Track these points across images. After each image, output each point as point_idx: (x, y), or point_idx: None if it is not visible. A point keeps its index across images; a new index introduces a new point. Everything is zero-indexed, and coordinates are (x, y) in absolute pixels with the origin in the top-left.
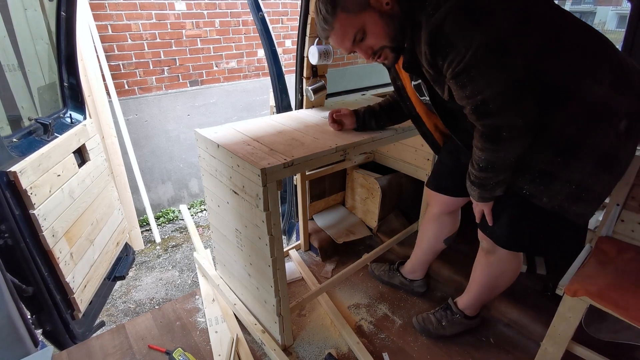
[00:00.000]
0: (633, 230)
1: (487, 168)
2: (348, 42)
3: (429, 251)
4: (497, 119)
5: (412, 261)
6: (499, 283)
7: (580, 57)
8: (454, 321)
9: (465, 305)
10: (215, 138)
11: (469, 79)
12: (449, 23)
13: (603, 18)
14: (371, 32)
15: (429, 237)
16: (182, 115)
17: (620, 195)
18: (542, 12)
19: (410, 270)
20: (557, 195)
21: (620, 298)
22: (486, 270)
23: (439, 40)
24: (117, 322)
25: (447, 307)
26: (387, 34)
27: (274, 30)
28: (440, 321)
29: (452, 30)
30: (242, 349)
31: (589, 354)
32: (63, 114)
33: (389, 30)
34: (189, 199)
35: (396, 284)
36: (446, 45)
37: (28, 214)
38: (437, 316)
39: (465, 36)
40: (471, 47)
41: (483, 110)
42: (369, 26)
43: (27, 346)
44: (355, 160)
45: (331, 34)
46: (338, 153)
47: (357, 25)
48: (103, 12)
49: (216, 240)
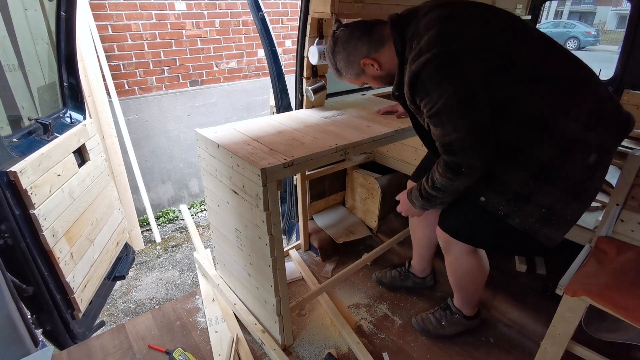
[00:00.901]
0: (633, 230)
1: (440, 189)
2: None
3: (430, 246)
4: (460, 158)
5: (419, 261)
6: (466, 282)
7: (559, 94)
8: (454, 321)
9: (458, 306)
10: (215, 138)
11: (440, 122)
12: (426, 72)
13: (603, 18)
14: (371, 83)
15: (425, 234)
16: (182, 115)
17: (620, 195)
18: (525, 51)
19: (420, 269)
20: (529, 217)
21: (620, 298)
22: (449, 270)
23: (417, 84)
24: (117, 322)
25: (447, 307)
26: (383, 83)
27: (274, 30)
28: (440, 321)
29: (428, 79)
30: (242, 349)
31: (588, 354)
32: (63, 114)
33: (383, 82)
34: (189, 199)
35: (409, 285)
36: (422, 90)
37: (28, 213)
38: (437, 316)
39: (439, 87)
40: (442, 97)
41: (449, 149)
42: (369, 81)
43: (27, 346)
44: (355, 160)
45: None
46: (338, 153)
47: (359, 83)
48: (103, 12)
49: (216, 240)
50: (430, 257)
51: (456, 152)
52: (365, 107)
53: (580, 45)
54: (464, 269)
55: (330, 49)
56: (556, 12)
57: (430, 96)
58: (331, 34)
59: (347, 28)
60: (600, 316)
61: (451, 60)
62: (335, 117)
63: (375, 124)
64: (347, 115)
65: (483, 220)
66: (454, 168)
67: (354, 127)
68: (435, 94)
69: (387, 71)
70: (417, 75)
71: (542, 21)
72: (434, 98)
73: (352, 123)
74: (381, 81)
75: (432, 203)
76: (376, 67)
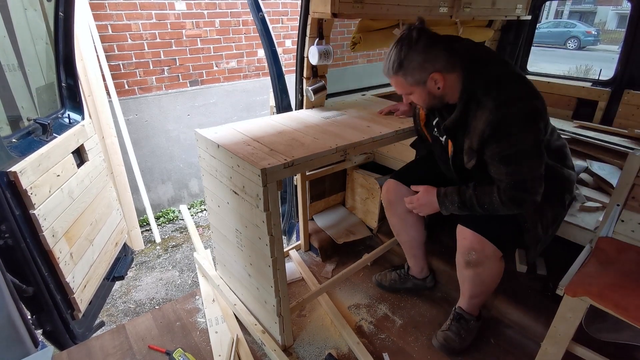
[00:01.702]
0: (633, 231)
1: (487, 210)
2: (398, 91)
3: (419, 246)
4: (528, 195)
5: (414, 262)
6: (491, 287)
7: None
8: (470, 328)
9: (467, 305)
10: (216, 138)
11: (515, 163)
12: (516, 121)
13: (603, 18)
14: (415, 97)
15: (412, 236)
16: (182, 115)
17: (621, 195)
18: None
19: (418, 270)
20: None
21: (620, 298)
22: (477, 280)
23: (503, 127)
24: (117, 322)
25: (460, 317)
26: (426, 103)
27: (274, 30)
28: (460, 334)
29: (517, 127)
30: (242, 349)
31: (589, 355)
32: (61, 114)
33: (429, 102)
34: (189, 199)
35: (409, 287)
36: (506, 134)
37: (28, 214)
38: (454, 330)
39: (522, 134)
40: (523, 143)
41: (522, 186)
42: (415, 94)
43: (27, 346)
44: (355, 160)
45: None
46: (338, 153)
47: (407, 90)
48: (103, 12)
49: (216, 240)
50: (424, 257)
51: (527, 190)
52: (366, 108)
53: (580, 45)
54: (493, 275)
55: (408, 44)
56: (556, 12)
57: (509, 140)
58: (414, 29)
59: (432, 33)
60: (601, 316)
61: (536, 115)
62: (336, 118)
63: (375, 125)
64: (347, 116)
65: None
66: (520, 201)
67: (354, 127)
68: (515, 139)
69: (441, 94)
70: (505, 119)
71: (542, 21)
72: (512, 142)
73: (352, 123)
74: (428, 100)
75: (463, 211)
76: (439, 86)
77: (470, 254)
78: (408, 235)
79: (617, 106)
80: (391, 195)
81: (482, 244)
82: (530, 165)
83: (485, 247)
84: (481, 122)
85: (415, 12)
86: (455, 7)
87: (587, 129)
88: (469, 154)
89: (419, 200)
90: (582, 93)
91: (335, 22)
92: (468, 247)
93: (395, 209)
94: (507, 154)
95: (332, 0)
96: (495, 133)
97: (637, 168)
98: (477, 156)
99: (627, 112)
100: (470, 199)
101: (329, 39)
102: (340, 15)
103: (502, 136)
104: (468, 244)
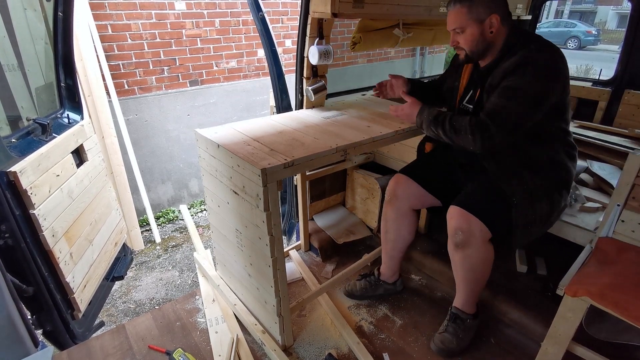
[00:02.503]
0: (633, 231)
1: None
2: (451, 26)
3: (403, 247)
4: (493, 127)
5: (390, 265)
6: (482, 272)
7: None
8: (467, 327)
9: (463, 303)
10: (216, 138)
11: (508, 97)
12: (535, 66)
13: (603, 18)
14: (465, 36)
15: (400, 235)
16: (182, 115)
17: (621, 195)
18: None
19: (391, 274)
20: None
21: (620, 298)
22: (465, 263)
23: (521, 66)
24: (117, 322)
25: (456, 317)
26: (472, 45)
27: (274, 30)
28: (458, 335)
29: (532, 71)
30: (242, 350)
31: (589, 354)
32: (60, 114)
33: (476, 45)
34: (189, 199)
35: (381, 293)
36: (520, 72)
37: (28, 214)
38: (451, 331)
39: (534, 78)
40: (529, 84)
41: (494, 116)
42: (467, 32)
43: (27, 346)
44: (355, 160)
45: (447, 10)
46: (338, 153)
47: (463, 24)
48: (103, 12)
49: (216, 240)
50: (401, 260)
51: (497, 123)
52: (366, 108)
53: (580, 45)
54: (482, 258)
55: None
56: (557, 11)
57: (518, 77)
58: None
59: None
60: (601, 316)
61: (554, 75)
62: (336, 118)
63: (375, 125)
64: (347, 116)
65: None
66: (484, 127)
67: (354, 127)
68: (524, 79)
69: (488, 42)
70: (527, 61)
71: (542, 21)
72: (520, 80)
73: (352, 123)
74: (475, 43)
75: (433, 125)
76: (492, 30)
77: (457, 234)
78: (398, 234)
79: (617, 106)
80: (398, 189)
81: (469, 221)
82: (517, 110)
83: (472, 224)
84: (509, 62)
85: (416, 12)
86: None
87: (587, 129)
88: (487, 92)
89: (403, 109)
90: (582, 93)
91: (335, 22)
92: (455, 227)
93: (397, 204)
94: (508, 86)
95: (332, 0)
96: (515, 68)
97: (638, 168)
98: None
99: (627, 112)
100: (445, 116)
101: (329, 38)
102: (340, 15)
103: (517, 73)
104: (455, 223)
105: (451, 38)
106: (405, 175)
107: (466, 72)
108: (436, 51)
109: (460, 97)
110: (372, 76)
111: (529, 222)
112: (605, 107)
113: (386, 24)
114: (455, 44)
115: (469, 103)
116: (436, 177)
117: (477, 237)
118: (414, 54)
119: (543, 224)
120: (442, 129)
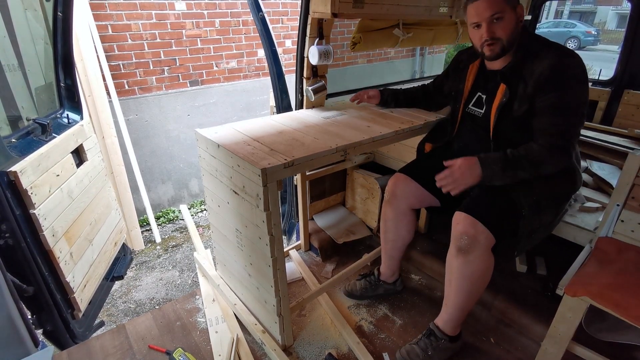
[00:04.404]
0: (633, 230)
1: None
2: (488, 13)
3: (402, 247)
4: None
5: (389, 264)
6: (477, 285)
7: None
8: (440, 347)
9: (445, 322)
10: (216, 138)
11: (567, 114)
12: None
13: (603, 18)
14: (504, 22)
15: (400, 235)
16: (182, 115)
17: (620, 195)
18: None
19: (390, 274)
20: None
21: (620, 298)
22: (463, 270)
23: (564, 76)
24: (117, 322)
25: (431, 334)
26: (510, 32)
27: (274, 30)
28: (426, 351)
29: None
30: (242, 349)
31: (589, 354)
32: (60, 114)
33: (513, 33)
34: (189, 199)
35: (381, 293)
36: (567, 84)
37: (28, 213)
38: (422, 345)
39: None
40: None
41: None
42: (505, 18)
43: (27, 346)
44: (355, 160)
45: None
46: (338, 153)
47: (501, 8)
48: (103, 12)
49: (216, 240)
50: (401, 259)
51: (568, 141)
52: (366, 108)
53: (580, 45)
54: (482, 268)
55: None
56: (556, 11)
57: (568, 92)
58: None
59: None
60: (601, 316)
61: (586, 78)
62: (336, 118)
63: (375, 125)
64: (347, 116)
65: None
66: (564, 149)
67: (354, 127)
68: (573, 92)
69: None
70: (566, 68)
71: (542, 21)
72: (571, 94)
73: (352, 123)
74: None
75: (507, 172)
76: (521, 19)
77: (462, 238)
78: (397, 234)
79: (617, 106)
80: (398, 188)
81: (475, 228)
82: (575, 122)
83: (478, 231)
84: (541, 66)
85: (416, 12)
86: (455, 7)
87: (587, 129)
88: (521, 99)
89: (460, 169)
90: None
91: (335, 22)
92: (461, 232)
93: (396, 203)
94: (562, 104)
95: (332, 0)
96: (556, 78)
97: (637, 168)
98: (529, 104)
99: (627, 112)
100: (513, 154)
101: (329, 39)
102: (340, 15)
103: (561, 85)
104: (461, 228)
105: (486, 29)
106: (404, 174)
107: (471, 74)
108: (436, 51)
109: (466, 101)
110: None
111: (533, 230)
112: (605, 107)
113: (386, 24)
114: (491, 35)
115: (476, 107)
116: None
117: (482, 244)
118: (414, 54)
119: (546, 230)
120: (522, 170)
